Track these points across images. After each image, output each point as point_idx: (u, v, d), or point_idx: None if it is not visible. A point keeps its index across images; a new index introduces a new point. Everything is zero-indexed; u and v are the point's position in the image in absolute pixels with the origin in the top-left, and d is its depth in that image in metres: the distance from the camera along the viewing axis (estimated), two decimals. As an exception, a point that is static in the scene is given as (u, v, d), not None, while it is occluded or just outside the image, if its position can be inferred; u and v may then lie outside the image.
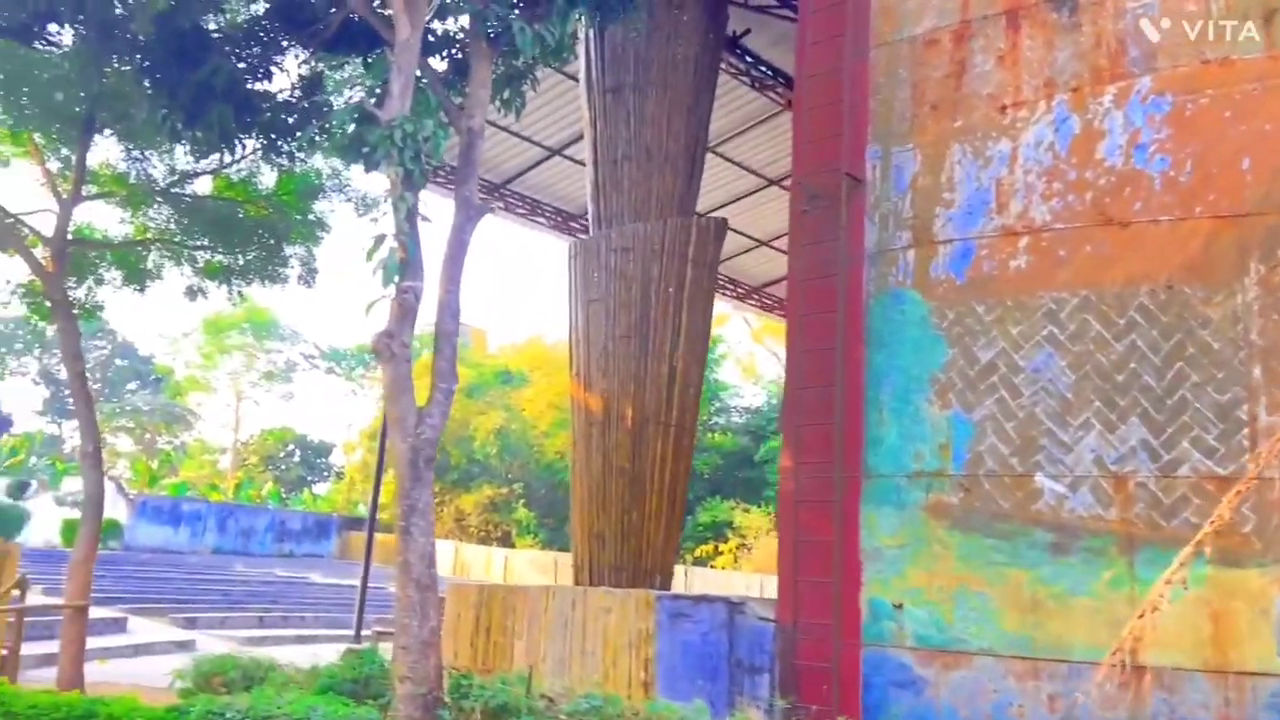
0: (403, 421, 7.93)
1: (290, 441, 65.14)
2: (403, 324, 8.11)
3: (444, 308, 8.26)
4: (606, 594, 9.31)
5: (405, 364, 8.09)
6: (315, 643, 20.52)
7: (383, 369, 8.06)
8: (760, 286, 23.24)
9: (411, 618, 7.58)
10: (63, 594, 18.54)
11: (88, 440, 12.03)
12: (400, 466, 7.87)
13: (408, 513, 7.77)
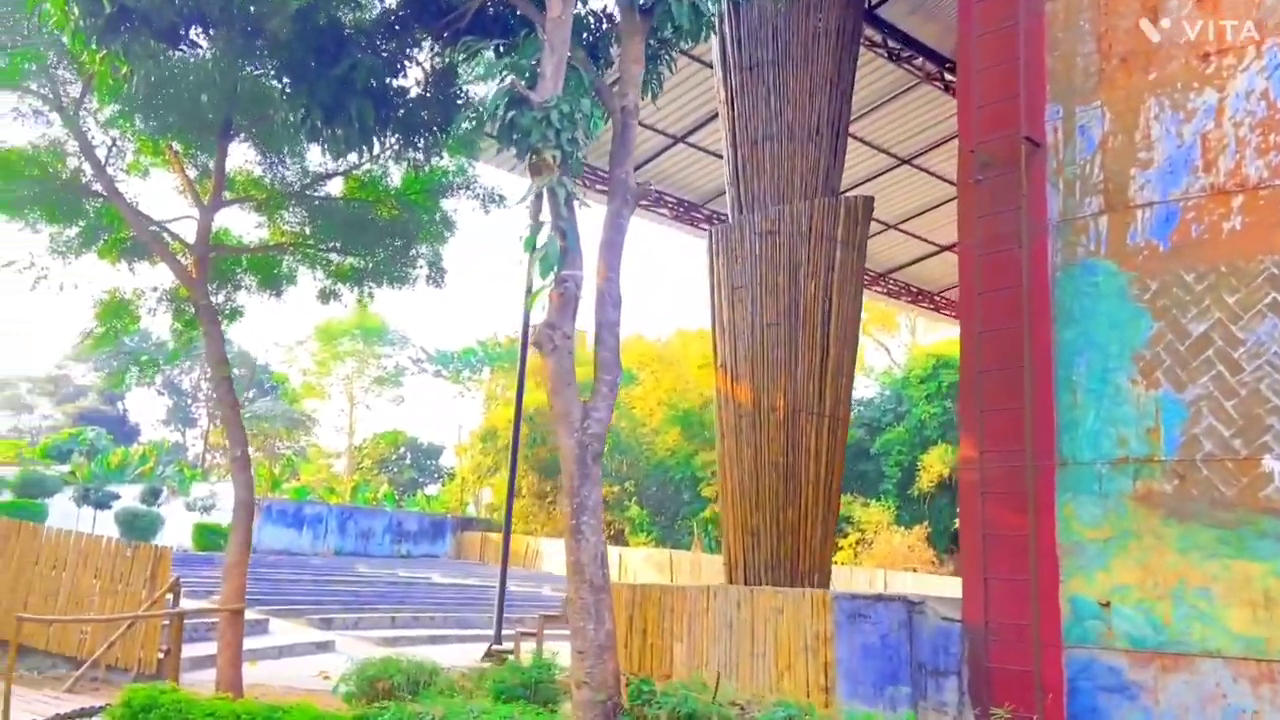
0: (568, 416, 7.59)
1: (401, 444, 66.46)
2: (564, 315, 7.76)
3: (604, 296, 7.89)
4: (776, 594, 8.82)
5: (568, 356, 7.75)
6: (447, 643, 20.55)
7: (545, 362, 7.72)
8: (885, 273, 22.38)
9: (586, 621, 7.23)
10: (204, 596, 18.98)
11: (236, 444, 12.09)
12: (567, 463, 7.53)
13: (577, 511, 7.42)
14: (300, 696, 11.87)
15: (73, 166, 12.40)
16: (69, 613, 13.44)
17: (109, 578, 13.29)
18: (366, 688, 8.65)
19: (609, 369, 7.76)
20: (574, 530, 7.41)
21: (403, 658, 9.22)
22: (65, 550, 13.85)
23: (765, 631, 8.73)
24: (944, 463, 37.87)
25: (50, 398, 78.14)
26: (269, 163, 13.20)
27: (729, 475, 11.28)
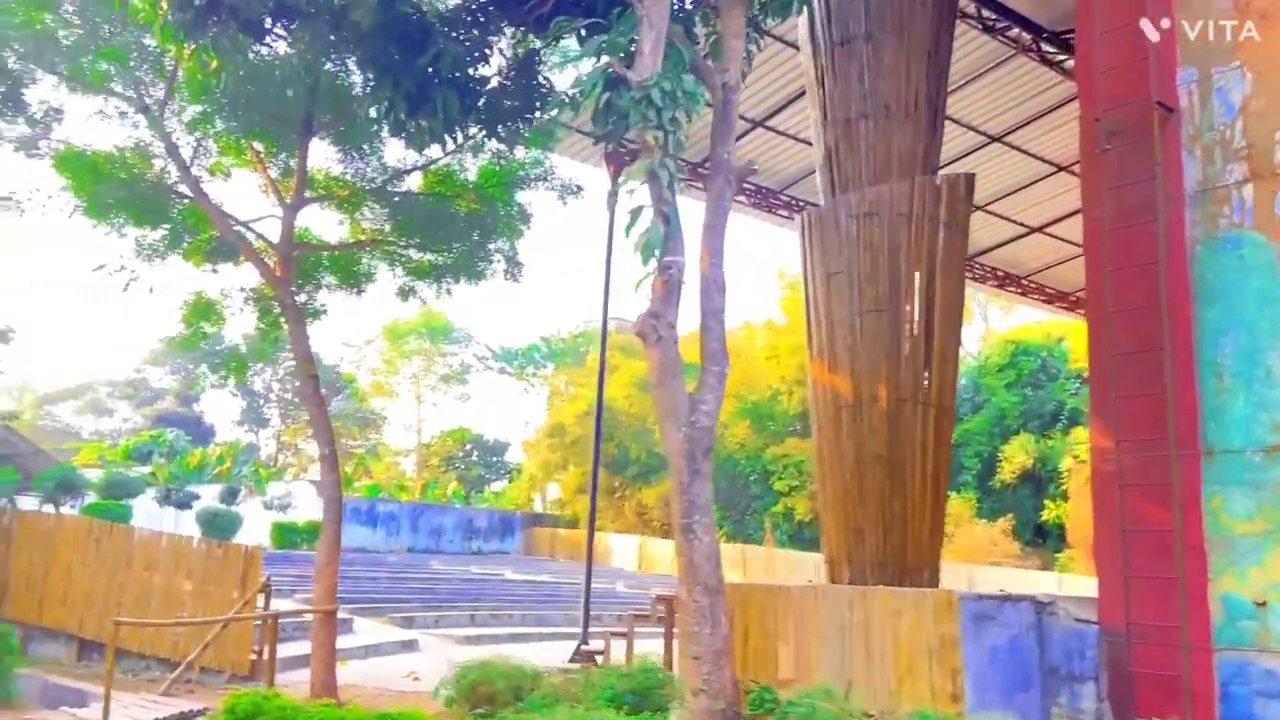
0: (675, 410, 7.22)
1: (468, 441, 66.84)
2: (668, 303, 7.40)
3: (709, 283, 7.51)
4: (894, 594, 8.35)
5: (673, 347, 7.38)
6: (527, 641, 20.39)
7: (649, 353, 7.37)
8: (971, 256, 21.53)
9: (702, 625, 6.87)
10: (287, 595, 19.04)
11: (323, 443, 11.98)
12: (675, 459, 7.16)
13: (688, 509, 7.06)
14: (393, 699, 11.72)
15: (158, 168, 12.38)
16: (162, 614, 13.49)
17: (201, 579, 13.30)
18: (467, 693, 8.39)
19: (716, 359, 7.38)
20: (686, 529, 7.05)
21: (501, 661, 8.95)
22: (157, 551, 13.91)
23: (883, 634, 8.27)
24: (1026, 453, 36.81)
25: (130, 401, 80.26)
26: (349, 159, 13.06)
27: (829, 469, 10.81)
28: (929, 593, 8.08)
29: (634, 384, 45.74)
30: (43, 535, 15.13)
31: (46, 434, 65.43)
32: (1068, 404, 39.28)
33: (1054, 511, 32.96)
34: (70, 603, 14.34)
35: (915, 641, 7.96)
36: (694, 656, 6.86)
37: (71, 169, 12.14)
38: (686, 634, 6.94)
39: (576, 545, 46.46)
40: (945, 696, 7.68)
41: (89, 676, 13.26)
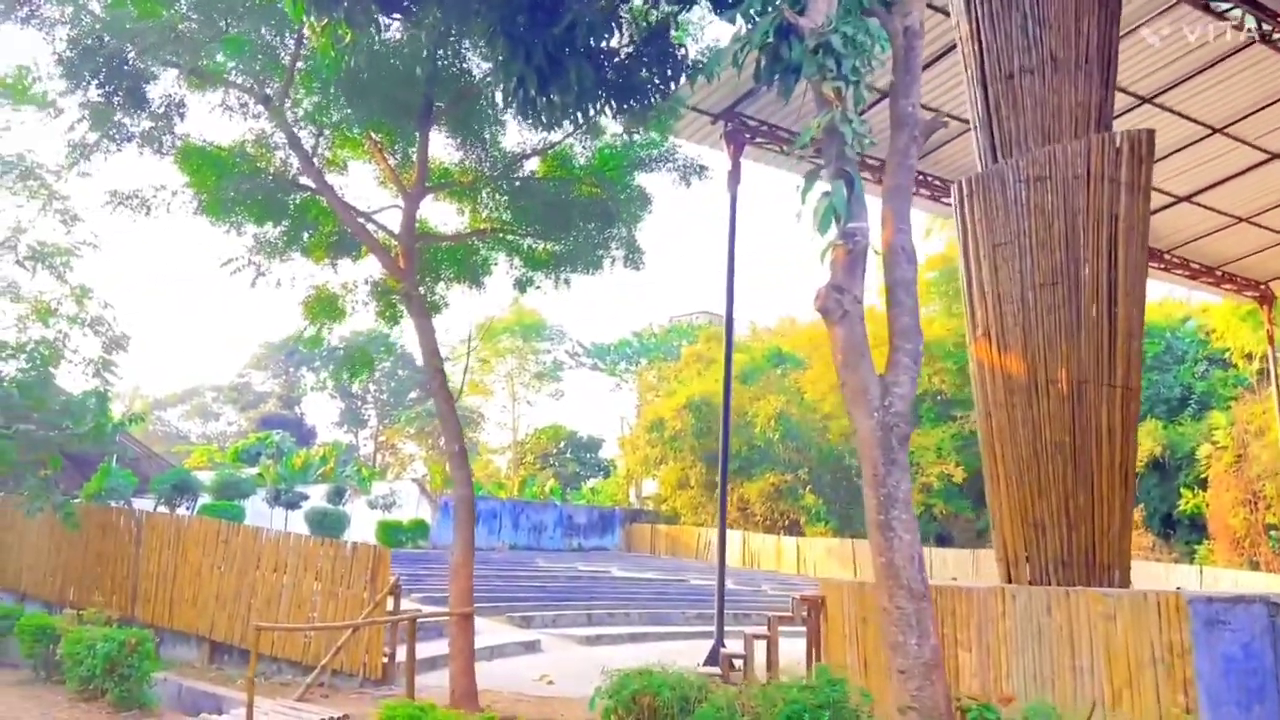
0: (865, 393, 6.46)
1: (562, 438, 66.87)
2: (853, 275, 6.64)
3: (895, 251, 6.72)
4: (1106, 596, 7.44)
5: (860, 324, 6.62)
6: (646, 641, 19.83)
7: (833, 331, 6.62)
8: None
9: (908, 634, 6.10)
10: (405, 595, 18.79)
11: (452, 439, 11.54)
12: (867, 449, 6.40)
13: (886, 504, 6.29)
14: (534, 705, 11.21)
15: (279, 160, 12.10)
16: (290, 615, 13.26)
17: (330, 580, 13.02)
18: (628, 704, 7.77)
19: (908, 335, 6.59)
20: (883, 526, 6.28)
21: (659, 668, 8.31)
22: (284, 552, 13.70)
23: (1091, 640, 7.37)
24: (1154, 440, 34.81)
25: (234, 405, 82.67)
26: (468, 146, 12.60)
27: (1000, 459, 9.88)
28: (1150, 594, 7.15)
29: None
30: (171, 537, 15.11)
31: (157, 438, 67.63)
32: (1196, 388, 37.11)
33: (1191, 501, 31.02)
34: (200, 604, 14.25)
35: (1136, 649, 7.05)
36: (900, 670, 6.10)
37: (193, 165, 11.95)
38: (890, 644, 6.18)
39: (677, 541, 45.89)
40: (1176, 710, 6.76)
41: (222, 680, 13.11)
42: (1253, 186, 18.57)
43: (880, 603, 6.32)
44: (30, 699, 11.42)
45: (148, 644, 10.89)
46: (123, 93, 11.03)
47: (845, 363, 6.56)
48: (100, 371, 17.52)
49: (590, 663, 15.90)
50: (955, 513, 39.31)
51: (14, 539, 17.70)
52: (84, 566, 16.32)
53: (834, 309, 6.56)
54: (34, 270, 24.83)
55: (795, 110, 16.19)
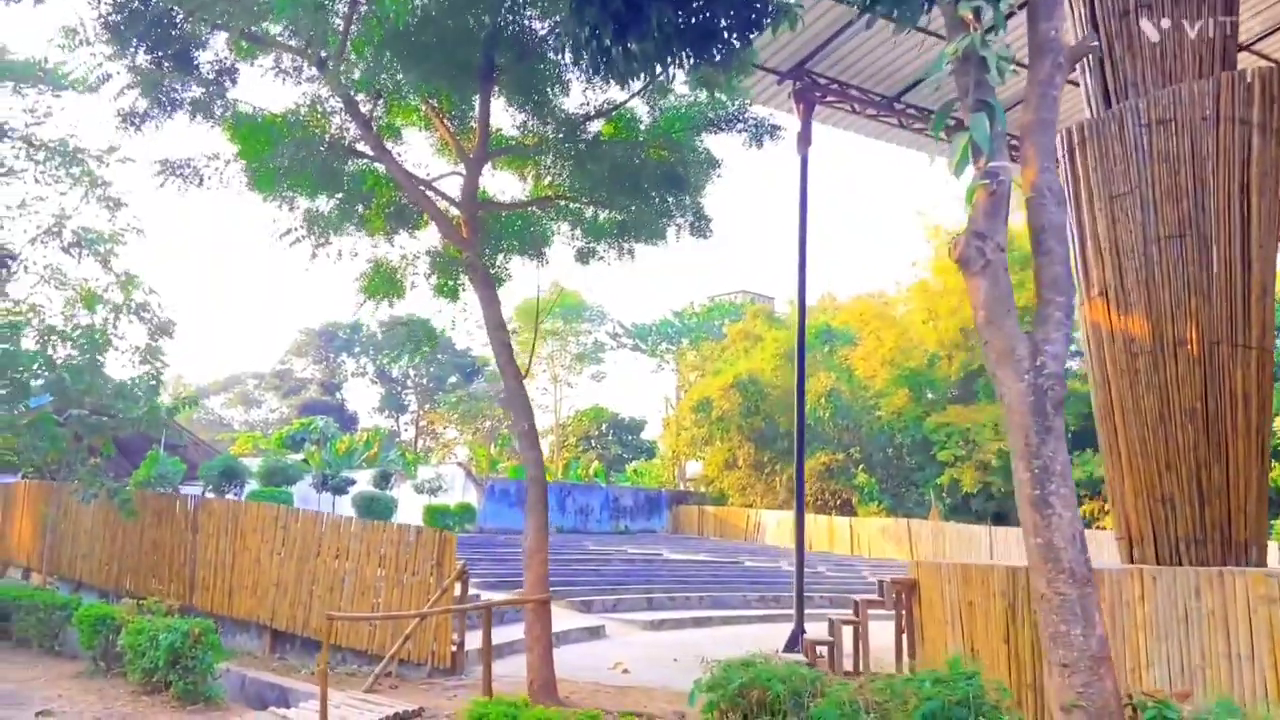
0: (1011, 353, 5.73)
1: (604, 420, 66.43)
2: (995, 219, 5.91)
3: (1042, 192, 5.98)
4: (1268, 577, 6.68)
5: (1004, 275, 5.90)
6: (711, 625, 19.25)
7: (973, 284, 5.89)
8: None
9: (1071, 623, 5.39)
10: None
11: (521, 418, 10.94)
12: (1018, 416, 5.68)
13: (1041, 478, 5.57)
14: (614, 696, 10.63)
15: (334, 126, 11.51)
16: (353, 603, 12.79)
17: (394, 565, 12.50)
18: (734, 699, 7.13)
19: (1059, 287, 5.85)
20: (1039, 503, 5.57)
21: (760, 660, 7.66)
22: (345, 537, 13.21)
23: (1251, 626, 6.61)
24: None
25: (276, 391, 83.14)
26: (531, 108, 11.92)
27: (1121, 429, 9.10)
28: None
29: (779, 354, 44.08)
30: (228, 523, 14.70)
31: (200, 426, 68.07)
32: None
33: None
34: (261, 592, 13.83)
35: (1309, 639, 6.29)
36: (1062, 664, 5.39)
37: (244, 134, 11.39)
38: (1050, 634, 5.47)
39: (725, 523, 45.21)
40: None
41: (285, 670, 12.67)
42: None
43: (1037, 589, 5.60)
44: (91, 692, 11.03)
45: (212, 635, 10.43)
46: (171, 57, 10.51)
47: (989, 319, 5.83)
48: (147, 358, 17.17)
49: (659, 648, 15.38)
50: (1013, 491, 38.27)
51: (68, 527, 17.42)
52: (140, 554, 15.98)
53: (974, 258, 5.83)
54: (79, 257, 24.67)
55: (867, 67, 15.39)
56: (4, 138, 26.25)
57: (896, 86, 15.53)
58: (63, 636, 13.57)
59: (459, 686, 11.35)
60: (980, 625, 9.43)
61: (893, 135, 16.35)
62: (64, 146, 26.01)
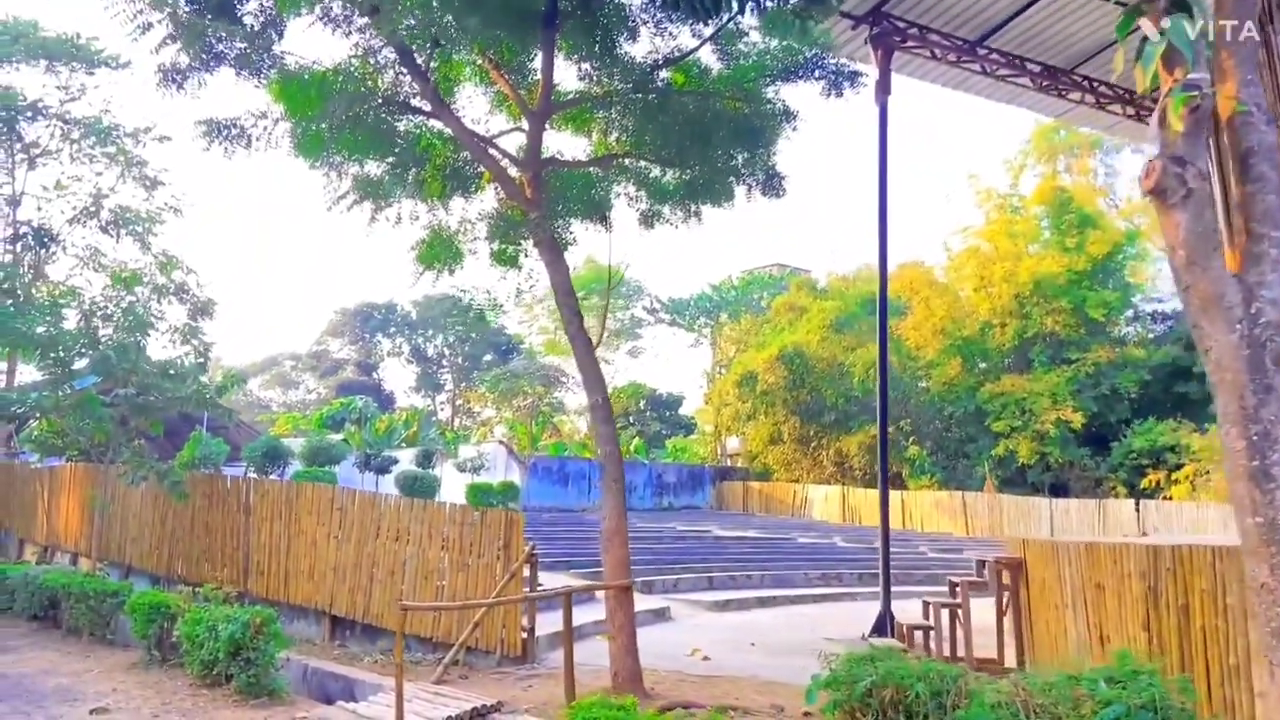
0: (1219, 299, 4.84)
1: (642, 396, 65.77)
2: (1196, 142, 4.99)
3: (1248, 110, 5.04)
4: None
5: (1209, 208, 4.98)
6: (776, 605, 18.52)
7: (1170, 218, 4.99)
8: None
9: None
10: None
11: (594, 391, 10.18)
12: (1229, 374, 4.80)
13: (1260, 446, 4.69)
14: (698, 687, 9.89)
15: (387, 82, 10.72)
16: (419, 588, 12.14)
17: (457, 548, 11.82)
18: (864, 699, 6.35)
19: (1274, 219, 4.93)
20: (1258, 475, 4.69)
21: (887, 652, 6.87)
22: (406, 519, 12.54)
23: None
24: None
25: (313, 372, 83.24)
26: (595, 57, 11.07)
27: None
28: None
29: (825, 326, 43.06)
30: (281, 506, 14.09)
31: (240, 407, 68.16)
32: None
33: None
34: (318, 577, 13.23)
35: None
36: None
37: (291, 92, 10.62)
38: (1271, 632, 4.63)
39: (771, 498, 44.40)
40: None
41: (347, 659, 12.07)
42: None
43: (1255, 577, 4.74)
44: (148, 685, 10.46)
45: (273, 624, 9.80)
46: (214, 7, 9.76)
47: (1191, 259, 4.93)
48: (187, 338, 16.61)
49: (731, 631, 14.65)
50: (1071, 461, 37.18)
51: (117, 510, 16.95)
52: (191, 538, 15.45)
53: (1174, 187, 4.93)
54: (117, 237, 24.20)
55: (949, 8, 14.34)
56: (38, 116, 25.89)
57: (980, 29, 14.44)
58: (115, 625, 13.06)
59: (532, 676, 10.68)
60: (1112, 610, 8.57)
61: (973, 84, 15.28)
62: (98, 124, 25.58)
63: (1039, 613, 10.14)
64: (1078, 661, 8.74)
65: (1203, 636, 7.57)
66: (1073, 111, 16.02)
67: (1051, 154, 42.15)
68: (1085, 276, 37.31)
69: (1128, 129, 16.68)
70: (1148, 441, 35.37)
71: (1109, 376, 37.24)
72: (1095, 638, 8.86)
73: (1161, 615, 7.96)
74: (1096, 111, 15.85)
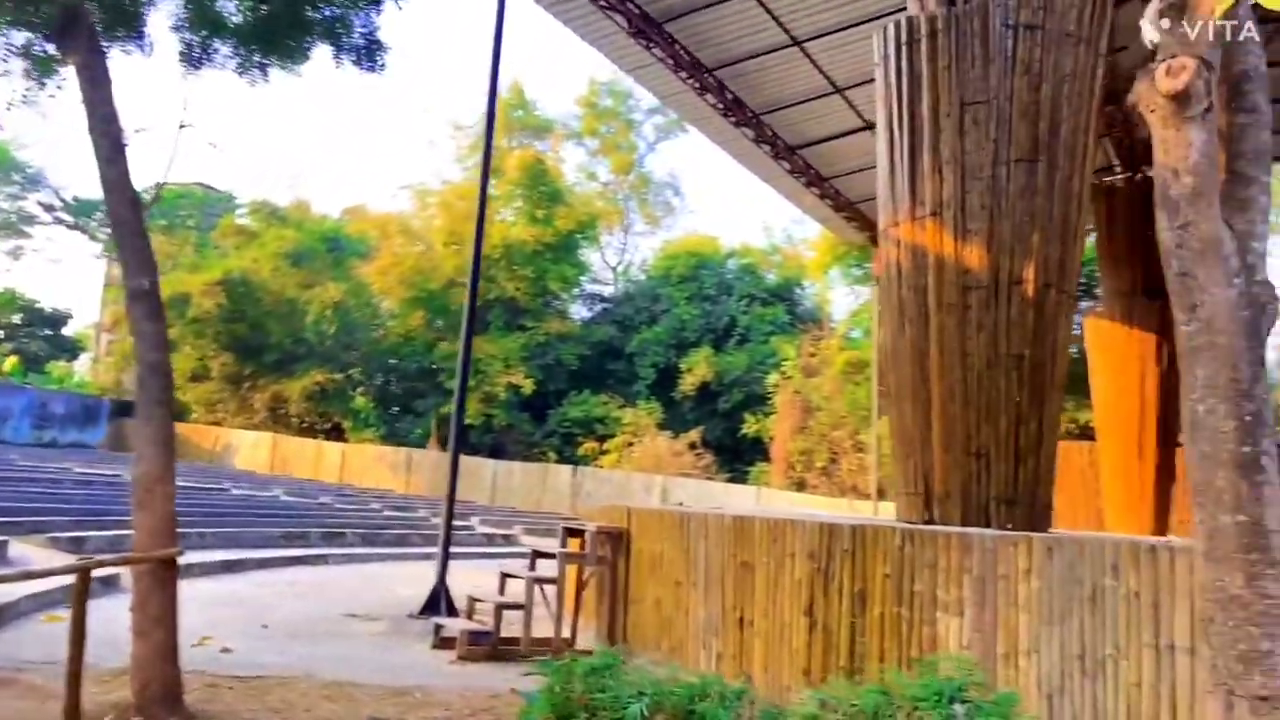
0: (1219, 246, 3.95)
1: (20, 308, 54.31)
2: (1215, 55, 4.01)
3: (1243, 31, 4.22)
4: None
5: (1215, 132, 4.04)
6: (246, 569, 15.34)
7: (1180, 135, 3.96)
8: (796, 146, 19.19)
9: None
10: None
11: (140, 272, 6.65)
12: (1222, 337, 3.93)
13: (1253, 429, 3.91)
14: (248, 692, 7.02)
15: None
16: None
17: None
18: None
19: (1263, 161, 4.17)
20: (1247, 465, 3.85)
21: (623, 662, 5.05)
22: None
23: (1193, 614, 5.70)
24: (709, 365, 36.58)
25: None
26: None
27: (938, 372, 7.94)
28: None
29: (281, 255, 38.90)
30: None
31: None
32: (739, 320, 39.55)
33: (754, 425, 32.97)
34: None
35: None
36: (1260, 695, 3.76)
37: None
38: (1238, 657, 3.80)
39: (188, 442, 38.75)
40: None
41: None
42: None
43: (1223, 587, 3.90)
44: None
45: None
46: None
47: (1198, 189, 3.93)
48: None
49: (222, 606, 11.38)
50: (512, 425, 38.12)
51: None
52: None
53: (1200, 95, 3.88)
54: None
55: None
56: None
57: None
58: None
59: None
60: (762, 592, 7.73)
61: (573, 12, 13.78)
62: None
63: (645, 590, 9.07)
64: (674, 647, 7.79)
65: (880, 625, 6.98)
66: (650, 68, 15.48)
67: (522, 129, 42.88)
68: (550, 249, 38.48)
69: (687, 103, 16.66)
70: (582, 412, 37.61)
71: (555, 348, 38.88)
72: (733, 621, 7.97)
73: (831, 600, 7.27)
74: (669, 74, 15.46)
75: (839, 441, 30.23)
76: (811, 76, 16.00)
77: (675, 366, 37.87)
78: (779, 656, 7.59)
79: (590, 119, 45.57)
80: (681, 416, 37.30)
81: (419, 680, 7.81)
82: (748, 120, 17.22)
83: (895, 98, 8.45)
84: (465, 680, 7.94)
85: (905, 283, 8.28)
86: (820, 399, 30.28)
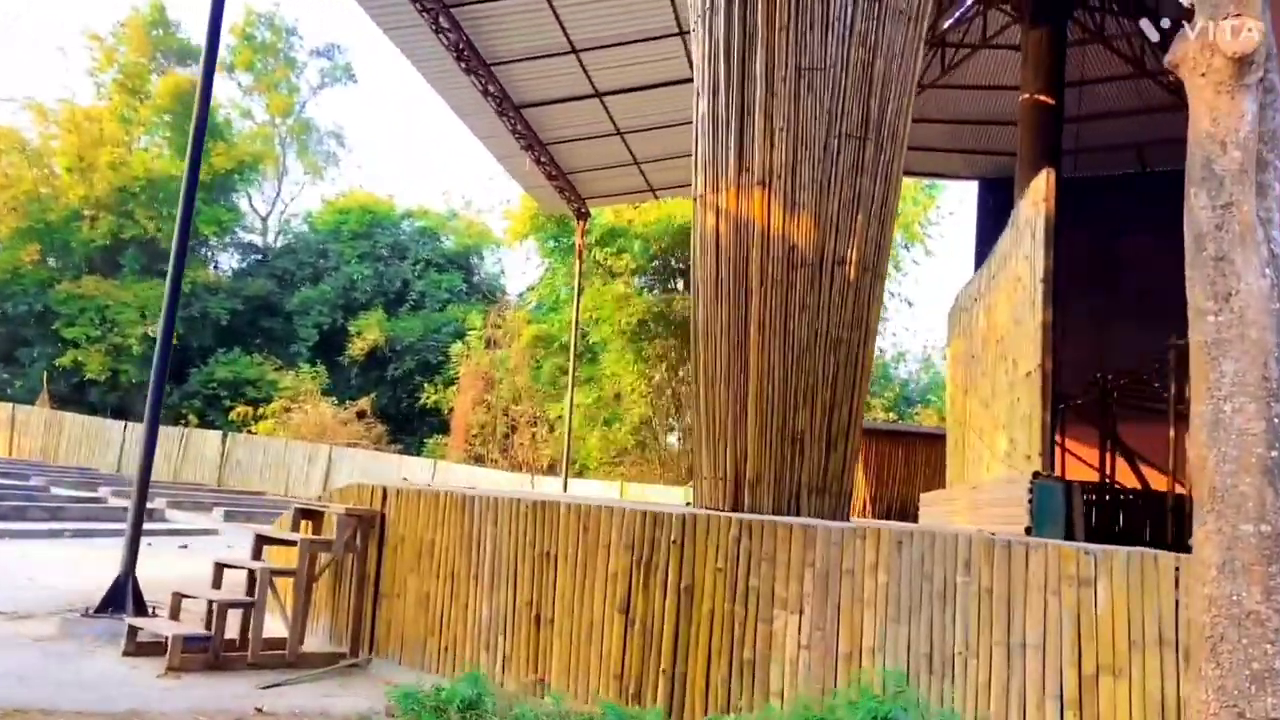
0: (1254, 230, 3.60)
1: None
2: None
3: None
4: (1082, 553, 5.69)
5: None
6: None
7: (1234, 103, 3.56)
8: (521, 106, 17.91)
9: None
10: None
11: None
12: (1254, 329, 3.62)
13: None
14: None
15: None
16: None
17: None
18: None
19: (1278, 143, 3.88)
20: (1274, 471, 3.54)
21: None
22: None
23: (1045, 612, 5.60)
24: (380, 329, 34.43)
25: None
26: None
27: (757, 352, 7.34)
28: (1156, 556, 5.62)
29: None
30: None
31: None
32: (414, 285, 37.69)
33: (434, 396, 31.34)
34: None
35: (1128, 623, 5.48)
36: (1272, 718, 3.45)
37: None
38: (1249, 677, 3.48)
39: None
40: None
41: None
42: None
43: (1237, 601, 3.57)
44: None
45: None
46: None
47: (1245, 166, 3.51)
48: None
49: None
50: (143, 383, 33.40)
51: None
52: None
53: (1260, 62, 3.48)
54: None
55: None
56: None
57: None
58: None
59: None
60: (564, 586, 6.79)
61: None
62: None
63: (405, 584, 7.74)
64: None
65: (710, 623, 6.31)
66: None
67: (166, 50, 37.51)
68: (203, 188, 34.10)
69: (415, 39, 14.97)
70: (231, 372, 33.91)
71: (202, 299, 34.70)
72: (527, 619, 6.94)
73: (653, 596, 6.48)
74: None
75: (519, 415, 29.59)
76: (553, 32, 15.03)
77: (343, 329, 35.23)
78: (585, 658, 6.67)
79: (245, 51, 40.75)
80: (348, 382, 34.79)
81: (131, 703, 5.94)
82: (475, 68, 15.88)
83: (724, 53, 7.76)
84: (191, 699, 6.17)
85: (724, 255, 7.64)
86: (504, 372, 29.42)
